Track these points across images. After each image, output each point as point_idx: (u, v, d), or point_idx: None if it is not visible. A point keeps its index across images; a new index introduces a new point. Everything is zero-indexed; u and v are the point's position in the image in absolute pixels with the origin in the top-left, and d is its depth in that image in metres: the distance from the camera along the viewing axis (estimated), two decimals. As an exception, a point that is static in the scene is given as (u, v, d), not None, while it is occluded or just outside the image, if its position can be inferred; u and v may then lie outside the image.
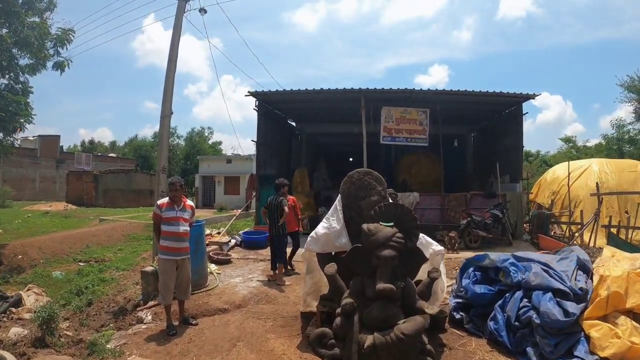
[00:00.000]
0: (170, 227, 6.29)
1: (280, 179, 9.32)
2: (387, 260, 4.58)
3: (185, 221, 6.42)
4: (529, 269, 6.29)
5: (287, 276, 8.95)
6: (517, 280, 6.11)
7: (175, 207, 6.37)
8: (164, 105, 9.36)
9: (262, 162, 15.26)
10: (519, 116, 15.06)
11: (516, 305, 5.83)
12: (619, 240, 11.43)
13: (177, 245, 6.31)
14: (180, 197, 6.45)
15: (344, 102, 15.09)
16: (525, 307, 5.70)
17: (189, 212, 6.54)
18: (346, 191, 5.76)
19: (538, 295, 5.67)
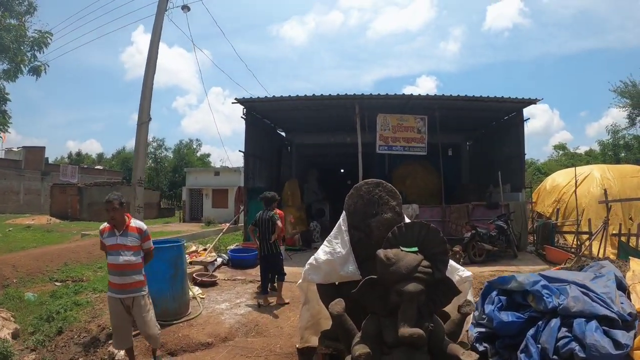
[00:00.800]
0: (110, 257, 5.06)
1: (270, 192, 8.41)
2: (412, 297, 3.50)
3: (130, 248, 5.03)
4: (564, 292, 5.35)
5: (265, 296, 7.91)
6: (553, 306, 5.13)
7: (115, 232, 5.06)
8: (142, 111, 8.35)
9: (251, 174, 14.17)
10: (519, 123, 14.26)
11: (553, 335, 4.86)
12: (629, 250, 10.83)
13: (119, 281, 5.01)
14: (122, 218, 5.10)
15: (336, 110, 14.15)
16: (565, 338, 4.74)
17: (135, 237, 5.11)
18: (352, 207, 4.66)
19: (581, 324, 4.72)
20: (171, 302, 6.60)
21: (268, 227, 7.80)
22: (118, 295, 5.00)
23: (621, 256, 10.48)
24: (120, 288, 4.98)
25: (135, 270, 5.04)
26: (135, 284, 5.04)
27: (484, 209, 13.32)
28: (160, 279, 6.50)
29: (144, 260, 5.22)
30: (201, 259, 10.20)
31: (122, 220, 5.08)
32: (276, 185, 16.54)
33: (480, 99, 12.98)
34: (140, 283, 5.09)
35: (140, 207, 7.99)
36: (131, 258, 5.00)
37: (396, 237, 3.86)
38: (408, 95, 12.81)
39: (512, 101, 13.28)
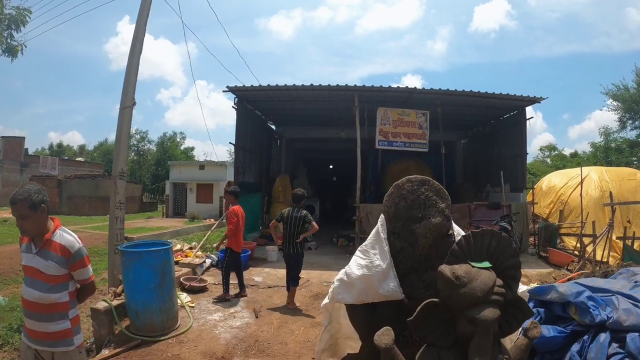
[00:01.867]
0: (25, 284, 3.18)
1: (300, 189, 7.85)
2: (489, 326, 2.72)
3: (46, 278, 3.03)
4: (610, 303, 4.69)
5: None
6: (601, 320, 4.47)
7: (32, 246, 3.12)
8: (126, 93, 7.38)
9: (241, 167, 13.24)
10: (522, 121, 13.73)
11: (604, 352, 4.23)
12: (634, 253, 10.44)
13: (31, 325, 3.16)
14: (37, 226, 3.06)
15: (332, 103, 13.37)
16: (618, 355, 4.11)
17: (57, 260, 3.06)
18: (393, 209, 3.83)
19: (635, 340, 4.10)
20: (158, 315, 5.70)
21: (298, 225, 7.35)
22: (32, 345, 3.17)
23: (626, 260, 10.24)
24: (33, 337, 3.14)
25: (54, 314, 3.07)
26: (55, 335, 3.09)
27: (486, 210, 12.68)
28: (145, 289, 5.64)
29: (76, 296, 3.28)
30: (189, 261, 9.27)
31: (38, 229, 3.07)
32: (266, 181, 15.73)
33: (486, 95, 12.33)
34: (63, 333, 3.11)
35: (121, 204, 7.05)
36: (48, 295, 3.04)
37: (464, 250, 3.06)
38: (411, 88, 12.03)
39: (518, 99, 12.70)
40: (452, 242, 3.66)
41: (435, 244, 3.66)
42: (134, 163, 45.55)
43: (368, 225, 11.92)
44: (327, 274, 9.55)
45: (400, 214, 3.75)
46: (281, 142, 18.29)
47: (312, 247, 13.02)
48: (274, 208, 14.92)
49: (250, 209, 13.99)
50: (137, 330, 5.69)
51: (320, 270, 10.02)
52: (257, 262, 10.61)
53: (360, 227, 11.95)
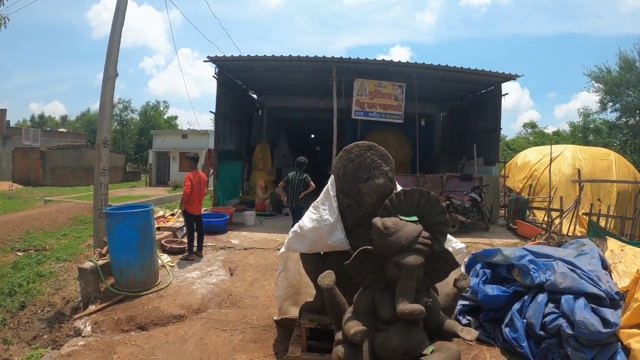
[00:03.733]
0: None
1: (302, 157, 9.57)
2: (412, 270, 3.18)
3: None
4: (551, 267, 5.27)
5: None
6: (540, 282, 5.07)
7: None
8: (108, 65, 7.61)
9: (221, 136, 13.52)
10: (497, 97, 14.07)
11: (540, 311, 4.82)
12: (599, 229, 10.87)
13: None
14: None
15: (311, 73, 13.60)
16: (553, 314, 4.70)
17: None
18: (342, 171, 4.26)
19: (569, 301, 4.66)
20: (140, 272, 6.15)
21: (300, 186, 9.10)
22: None
23: (590, 235, 10.57)
24: None
25: None
26: None
27: (458, 181, 13.20)
28: (128, 247, 6.06)
29: None
30: (169, 225, 9.68)
31: None
32: (246, 149, 16.06)
33: (462, 70, 12.67)
34: None
35: (105, 170, 7.37)
36: None
37: (394, 205, 3.50)
38: (387, 61, 12.32)
39: (493, 75, 13.03)
40: None
41: (379, 203, 4.08)
42: (117, 133, 45.11)
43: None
44: (302, 237, 10.02)
45: (348, 175, 4.17)
46: (262, 111, 18.54)
47: (289, 213, 13.43)
48: (254, 175, 15.30)
49: (231, 176, 14.40)
50: (121, 286, 6.16)
51: (295, 234, 10.52)
52: (236, 226, 11.01)
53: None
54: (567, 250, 6.10)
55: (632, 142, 24.29)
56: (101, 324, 5.32)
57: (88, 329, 5.27)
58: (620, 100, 24.36)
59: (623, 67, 23.75)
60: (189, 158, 8.23)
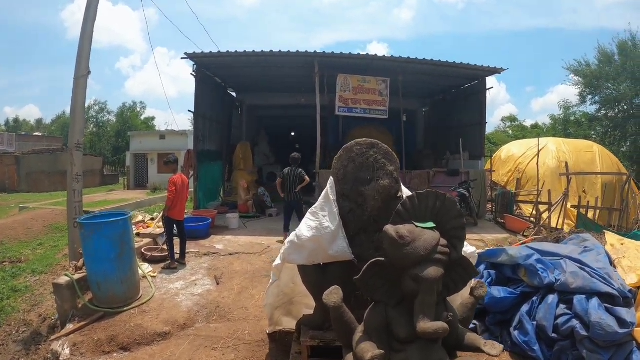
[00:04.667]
0: None
1: (297, 154, 9.90)
2: (432, 284, 2.78)
3: None
4: (559, 266, 5.00)
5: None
6: (549, 282, 4.79)
7: None
8: (80, 62, 7.07)
9: (201, 135, 12.97)
10: (481, 91, 13.89)
11: (552, 313, 4.57)
12: (587, 222, 10.83)
13: None
14: None
15: (292, 70, 13.17)
16: (565, 316, 4.46)
17: None
18: (342, 172, 3.87)
19: (582, 301, 4.43)
20: (119, 286, 5.67)
21: (295, 180, 9.51)
22: None
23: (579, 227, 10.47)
24: None
25: None
26: None
27: (445, 176, 12.93)
28: (105, 260, 5.57)
29: None
30: (149, 231, 9.15)
31: None
32: (227, 148, 15.52)
33: (447, 64, 12.41)
34: None
35: (78, 176, 6.81)
36: None
37: (408, 211, 3.10)
38: (371, 55, 11.95)
39: (477, 69, 12.82)
40: None
41: (385, 206, 3.72)
42: (94, 135, 43.87)
43: (329, 190, 11.99)
44: (289, 240, 9.61)
45: (349, 176, 3.78)
46: (242, 109, 17.95)
47: (273, 214, 13.02)
48: (236, 176, 14.76)
49: (211, 177, 13.87)
50: (99, 302, 5.67)
51: (280, 236, 10.06)
52: (219, 230, 10.55)
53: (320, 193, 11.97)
54: (570, 246, 5.84)
55: (612, 134, 24.40)
56: (80, 345, 4.86)
57: (66, 351, 4.81)
58: (599, 93, 24.48)
59: (602, 61, 23.88)
60: (169, 162, 7.72)
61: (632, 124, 23.08)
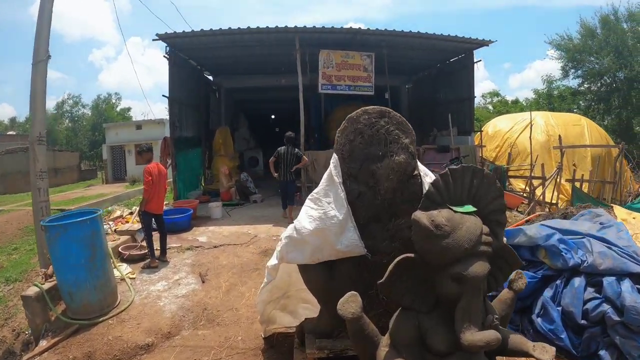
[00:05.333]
0: None
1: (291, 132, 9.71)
2: (479, 283, 2.18)
3: None
4: (582, 246, 4.47)
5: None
6: (575, 264, 4.27)
7: None
8: (38, 45, 6.24)
9: (177, 122, 12.17)
10: (470, 65, 13.41)
11: (579, 297, 4.08)
12: (582, 195, 10.55)
13: None
14: None
15: (270, 48, 12.33)
16: (595, 300, 3.99)
17: None
18: (348, 147, 3.21)
19: (612, 284, 3.96)
20: (93, 294, 4.97)
21: (292, 160, 9.41)
22: None
23: (575, 202, 10.29)
24: None
25: None
26: None
27: (434, 153, 12.48)
28: (74, 266, 4.88)
29: None
30: (127, 227, 8.41)
31: None
32: (205, 134, 14.70)
33: (434, 36, 11.80)
34: None
35: (42, 172, 6.03)
36: None
37: (441, 192, 2.46)
38: (355, 29, 11.26)
39: (466, 41, 12.27)
40: (419, 184, 3.12)
41: (400, 187, 3.09)
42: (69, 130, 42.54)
43: (314, 173, 11.40)
44: (275, 229, 9.01)
45: (357, 153, 3.13)
46: (219, 93, 17.06)
47: (258, 200, 12.35)
48: (216, 162, 13.99)
49: (190, 165, 13.10)
50: (73, 313, 5.00)
51: (267, 224, 9.44)
52: (201, 221, 9.86)
53: (306, 176, 11.38)
54: (587, 223, 5.30)
55: (596, 107, 24.25)
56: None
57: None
58: (581, 67, 24.34)
59: (584, 35, 23.74)
60: (143, 151, 6.93)
61: (616, 97, 22.95)
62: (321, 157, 11.45)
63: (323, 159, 11.48)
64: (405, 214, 2.93)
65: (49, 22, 6.36)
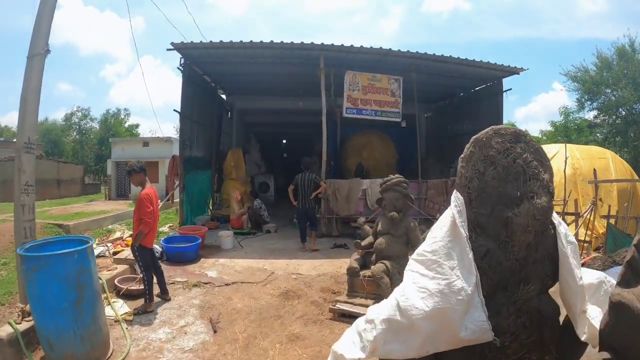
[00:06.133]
0: None
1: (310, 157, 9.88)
2: None
3: None
4: None
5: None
6: None
7: None
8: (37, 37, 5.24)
9: (188, 140, 11.19)
10: (498, 93, 12.54)
11: None
12: (617, 233, 9.36)
13: None
14: None
15: (291, 67, 11.43)
16: None
17: None
18: (476, 184, 2.17)
19: None
20: (79, 345, 3.84)
21: (310, 186, 9.14)
22: None
23: (609, 241, 9.15)
24: None
25: None
26: None
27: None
28: (55, 310, 3.76)
29: None
30: (125, 255, 7.17)
31: None
32: (216, 156, 13.69)
33: (466, 61, 11.07)
34: None
35: (29, 187, 4.90)
36: None
37: None
38: (386, 49, 10.32)
39: (496, 68, 11.53)
40: (552, 236, 2.05)
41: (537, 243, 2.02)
42: (76, 143, 41.59)
43: (336, 203, 10.43)
44: (294, 264, 7.95)
45: (489, 192, 2.08)
46: (232, 113, 16.10)
47: (271, 230, 11.23)
48: (226, 186, 12.98)
49: (199, 187, 12.02)
50: (53, 365, 3.86)
51: (285, 258, 8.35)
52: (210, 251, 8.77)
53: (326, 206, 10.41)
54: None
55: (612, 140, 23.60)
56: None
57: None
58: (598, 99, 23.81)
59: (600, 67, 23.25)
60: (134, 171, 5.60)
61: (634, 130, 22.33)
62: (343, 187, 10.46)
63: (345, 189, 10.47)
64: (536, 278, 2.00)
65: (51, 13, 5.37)
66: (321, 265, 7.95)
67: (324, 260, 8.30)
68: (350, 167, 14.68)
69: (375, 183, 10.70)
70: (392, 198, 6.05)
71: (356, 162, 14.89)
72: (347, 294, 5.94)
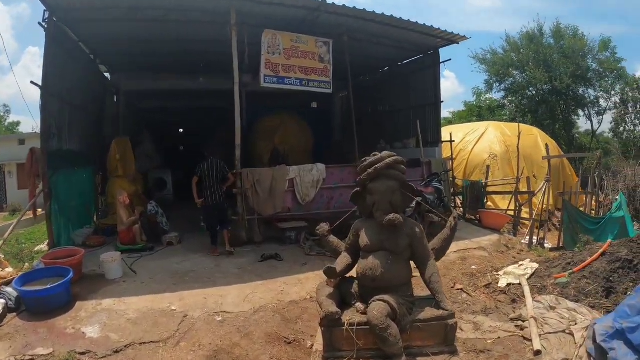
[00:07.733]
0: None
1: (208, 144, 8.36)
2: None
3: None
4: None
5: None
6: None
7: None
8: None
9: (55, 127, 7.77)
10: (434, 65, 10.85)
11: None
12: (572, 211, 9.03)
13: None
14: None
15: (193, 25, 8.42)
16: None
17: None
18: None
19: None
20: None
21: (218, 176, 7.31)
22: None
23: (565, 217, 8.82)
24: None
25: None
26: None
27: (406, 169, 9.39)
28: None
29: None
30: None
31: None
32: (99, 148, 10.16)
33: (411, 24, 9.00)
34: None
35: None
36: None
37: None
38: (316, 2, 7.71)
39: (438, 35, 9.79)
40: None
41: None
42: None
43: (257, 199, 7.93)
44: (215, 294, 5.34)
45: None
46: (118, 96, 12.39)
47: (174, 241, 8.13)
48: (111, 186, 9.51)
49: (77, 191, 8.65)
50: None
51: (199, 287, 5.61)
52: (91, 284, 5.66)
53: (244, 204, 7.86)
54: None
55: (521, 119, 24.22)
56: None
57: None
58: (506, 81, 25.02)
59: (509, 50, 24.45)
60: None
61: (543, 109, 23.47)
62: (265, 178, 7.95)
63: (268, 180, 7.95)
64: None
65: None
66: (254, 293, 5.42)
67: (256, 283, 5.78)
68: (262, 154, 12.45)
69: (305, 170, 8.34)
70: (386, 190, 3.83)
71: (269, 148, 12.69)
72: (324, 355, 3.53)
